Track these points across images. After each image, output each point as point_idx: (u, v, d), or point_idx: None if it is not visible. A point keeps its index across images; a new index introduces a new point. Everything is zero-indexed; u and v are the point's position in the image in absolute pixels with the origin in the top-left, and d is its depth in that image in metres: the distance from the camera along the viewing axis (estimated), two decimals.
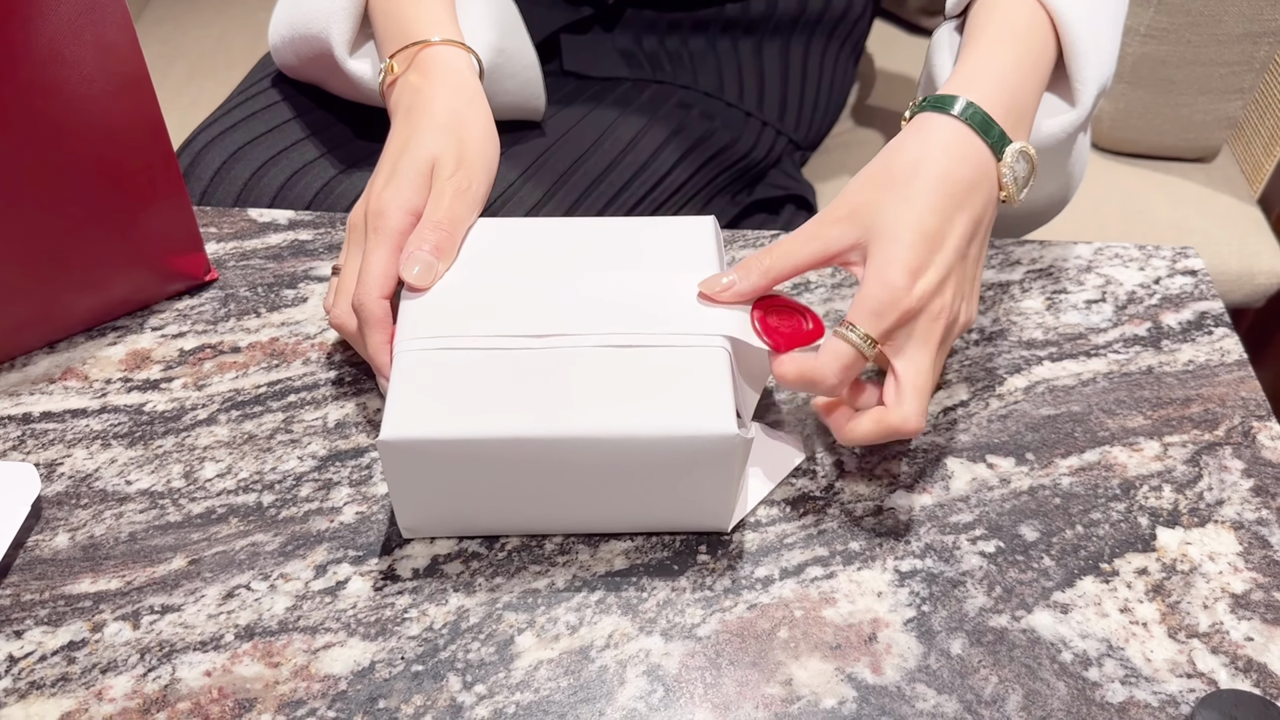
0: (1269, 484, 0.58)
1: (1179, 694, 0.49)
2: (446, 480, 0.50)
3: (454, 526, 0.53)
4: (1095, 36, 0.57)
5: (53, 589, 0.51)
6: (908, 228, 0.50)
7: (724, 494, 0.51)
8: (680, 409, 0.49)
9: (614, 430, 0.48)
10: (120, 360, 0.61)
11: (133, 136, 0.57)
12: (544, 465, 0.49)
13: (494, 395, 0.49)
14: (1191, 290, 0.69)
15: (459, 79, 0.61)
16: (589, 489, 0.51)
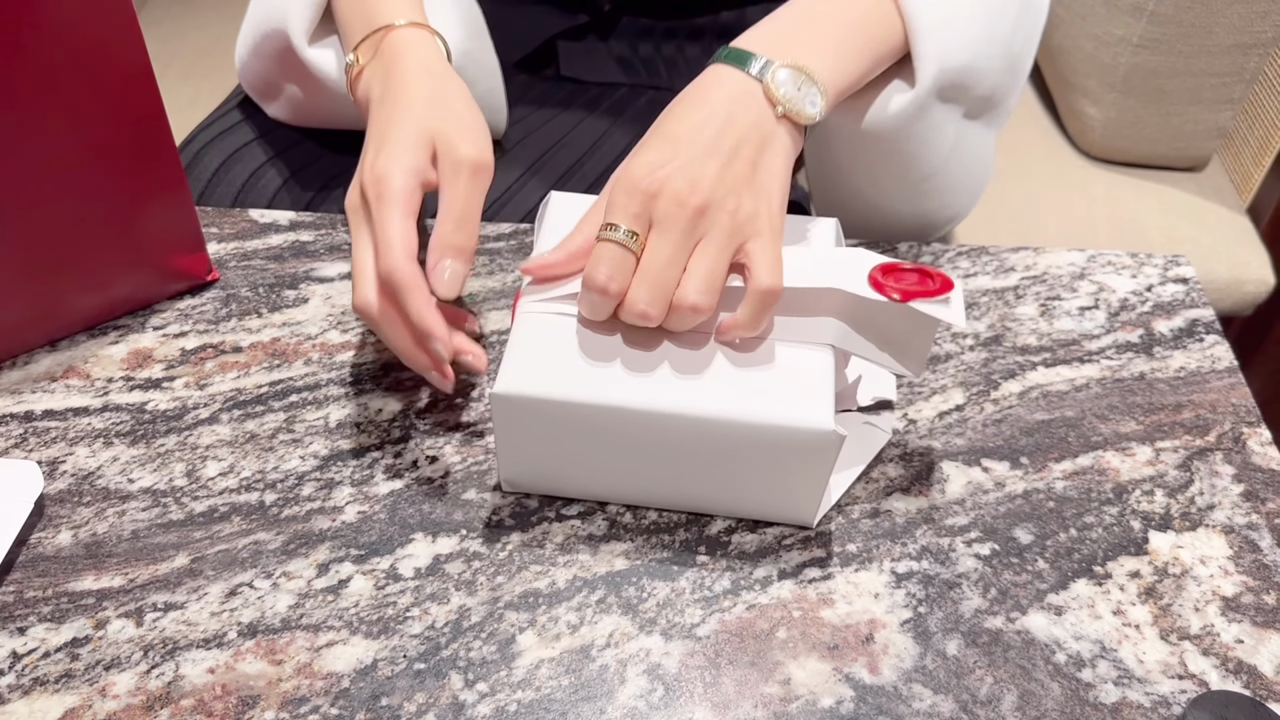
0: (1259, 489, 0.58)
1: (1171, 695, 0.50)
2: (550, 439, 0.52)
3: (550, 485, 0.55)
4: (937, 13, 0.58)
5: (56, 586, 0.51)
6: (655, 137, 0.52)
7: (814, 489, 0.53)
8: (782, 399, 0.50)
9: (713, 412, 0.50)
10: (122, 359, 0.61)
11: (136, 135, 0.57)
12: (644, 437, 0.51)
13: (603, 363, 0.51)
14: (1183, 298, 0.69)
15: (431, 60, 0.59)
16: (684, 466, 0.52)
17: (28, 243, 0.56)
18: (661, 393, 0.50)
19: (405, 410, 0.59)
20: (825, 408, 0.50)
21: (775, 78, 0.53)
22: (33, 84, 0.52)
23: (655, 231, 0.50)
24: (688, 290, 0.49)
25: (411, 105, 0.55)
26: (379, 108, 0.57)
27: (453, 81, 0.58)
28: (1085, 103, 1.14)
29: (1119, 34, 1.07)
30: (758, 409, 0.50)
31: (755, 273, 0.50)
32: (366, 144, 0.56)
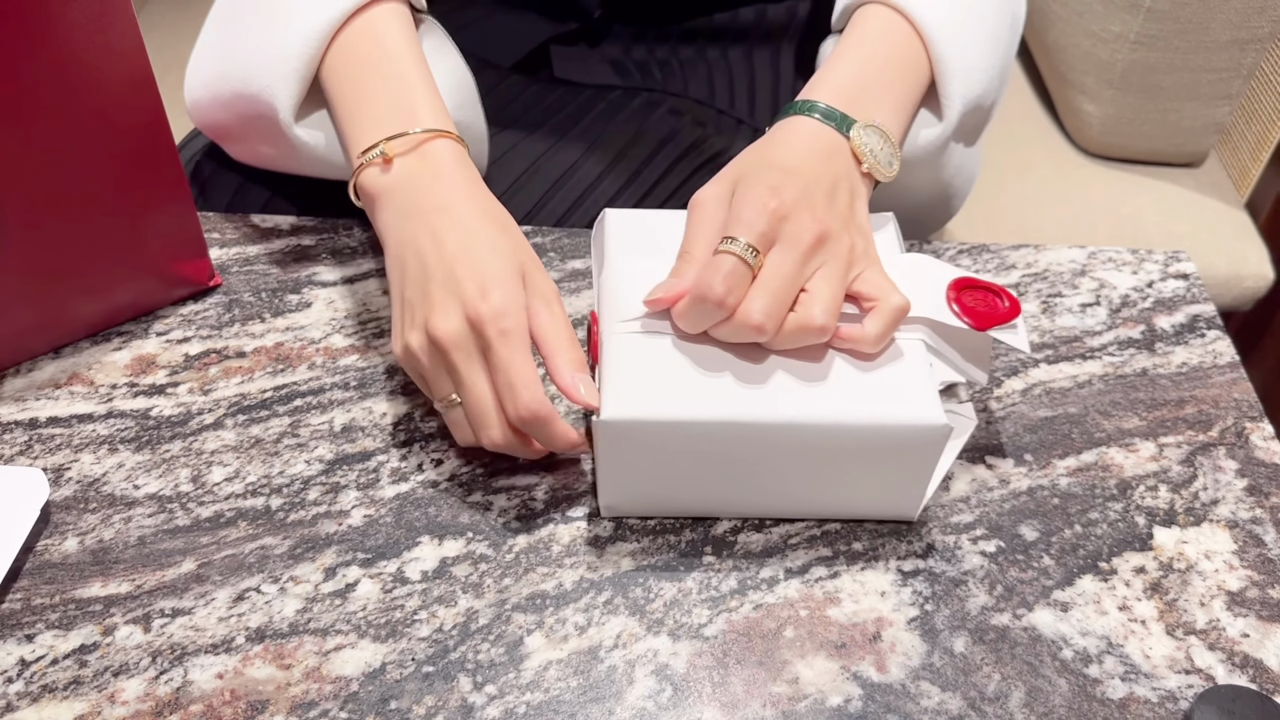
0: (1262, 483, 0.59)
1: (1177, 690, 0.50)
2: (655, 460, 0.51)
3: (651, 506, 0.54)
4: (962, 54, 0.62)
5: (63, 593, 0.51)
6: (767, 164, 0.54)
7: (920, 482, 0.53)
8: (889, 397, 0.51)
9: (824, 417, 0.50)
10: (126, 365, 0.61)
11: (138, 142, 0.57)
12: (751, 449, 0.51)
13: (704, 379, 0.51)
14: (1184, 293, 0.70)
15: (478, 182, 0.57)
16: (790, 474, 0.52)
17: (31, 250, 0.56)
18: (769, 402, 0.50)
19: (409, 414, 0.59)
20: (932, 401, 0.51)
21: (860, 137, 0.57)
22: (35, 93, 0.52)
23: (779, 249, 0.51)
24: (814, 312, 0.51)
25: (496, 235, 0.54)
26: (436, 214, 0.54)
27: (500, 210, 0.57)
28: (1083, 100, 1.14)
29: (1116, 31, 1.07)
30: (867, 410, 0.50)
31: (886, 293, 0.53)
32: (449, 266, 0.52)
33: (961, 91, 0.62)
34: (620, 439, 0.50)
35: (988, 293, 0.56)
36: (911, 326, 0.55)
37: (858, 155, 0.57)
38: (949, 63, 0.61)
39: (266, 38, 0.60)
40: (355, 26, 0.59)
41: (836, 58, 0.61)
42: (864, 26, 0.62)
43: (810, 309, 0.51)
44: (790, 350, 0.52)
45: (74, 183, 0.56)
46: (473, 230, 0.53)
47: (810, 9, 0.89)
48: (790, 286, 0.51)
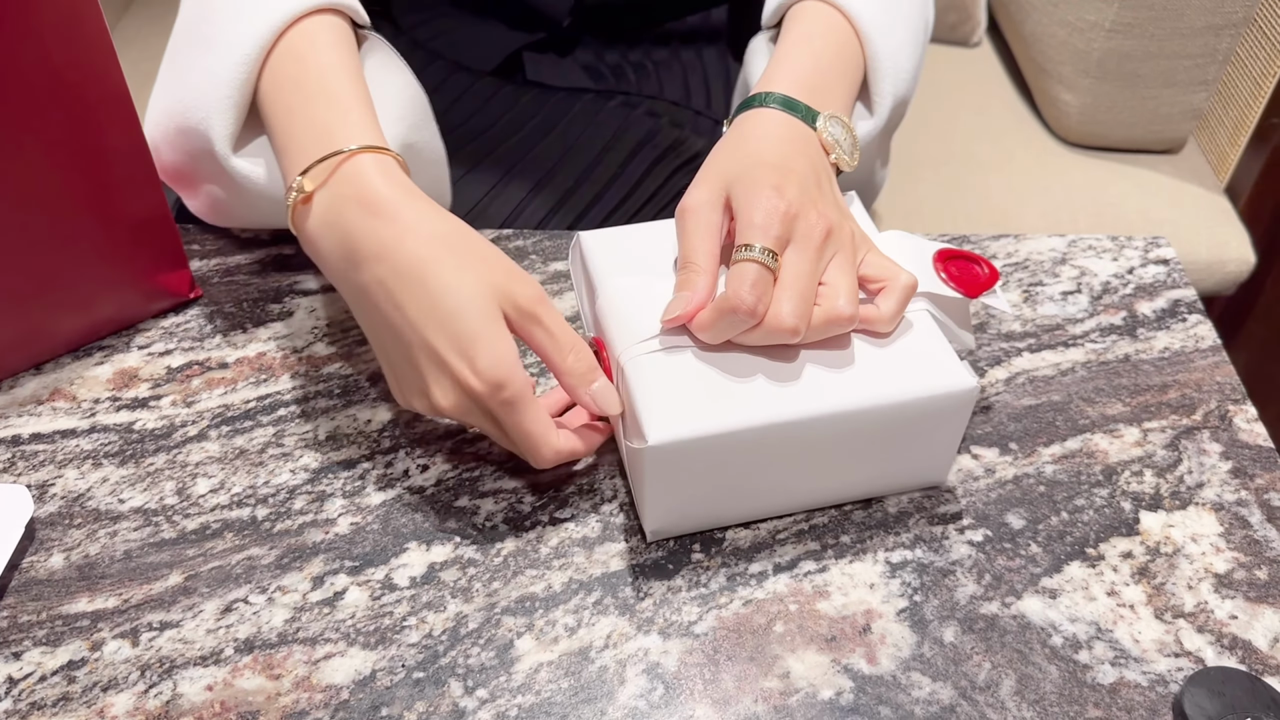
0: (1246, 465, 0.59)
1: (1167, 673, 0.50)
2: (700, 477, 0.51)
3: (697, 522, 0.54)
4: (894, 56, 0.63)
5: (50, 609, 0.51)
6: (756, 163, 0.54)
7: (951, 446, 0.55)
8: (917, 370, 0.52)
9: (861, 401, 0.50)
10: (108, 379, 0.61)
11: (116, 156, 0.57)
12: (794, 446, 0.51)
13: (736, 386, 0.51)
14: (1164, 279, 0.70)
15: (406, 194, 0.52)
16: (832, 463, 0.53)
17: (9, 266, 0.56)
18: (806, 398, 0.50)
19: (394, 420, 0.59)
20: (957, 365, 0.52)
21: (826, 127, 0.58)
22: (11, 109, 0.52)
23: (795, 249, 0.52)
24: (840, 303, 0.51)
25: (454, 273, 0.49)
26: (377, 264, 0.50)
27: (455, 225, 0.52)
28: (1060, 89, 1.15)
29: (1091, 19, 1.07)
30: (900, 386, 0.51)
31: (893, 273, 0.54)
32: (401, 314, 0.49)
33: (892, 90, 0.64)
34: (668, 462, 0.49)
35: (967, 262, 0.58)
36: (913, 299, 0.56)
37: (825, 146, 0.58)
38: (882, 61, 0.63)
39: (201, 67, 0.57)
40: (284, 46, 0.56)
41: (787, 51, 0.61)
42: (807, 23, 0.63)
43: (835, 300, 0.51)
44: (812, 342, 0.53)
45: (52, 198, 0.56)
46: (427, 278, 0.49)
47: None
48: (812, 284, 0.52)
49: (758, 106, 0.58)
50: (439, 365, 0.49)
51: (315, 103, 0.54)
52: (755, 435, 0.50)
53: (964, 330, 0.58)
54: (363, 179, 0.51)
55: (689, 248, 0.53)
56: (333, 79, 0.55)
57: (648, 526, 0.53)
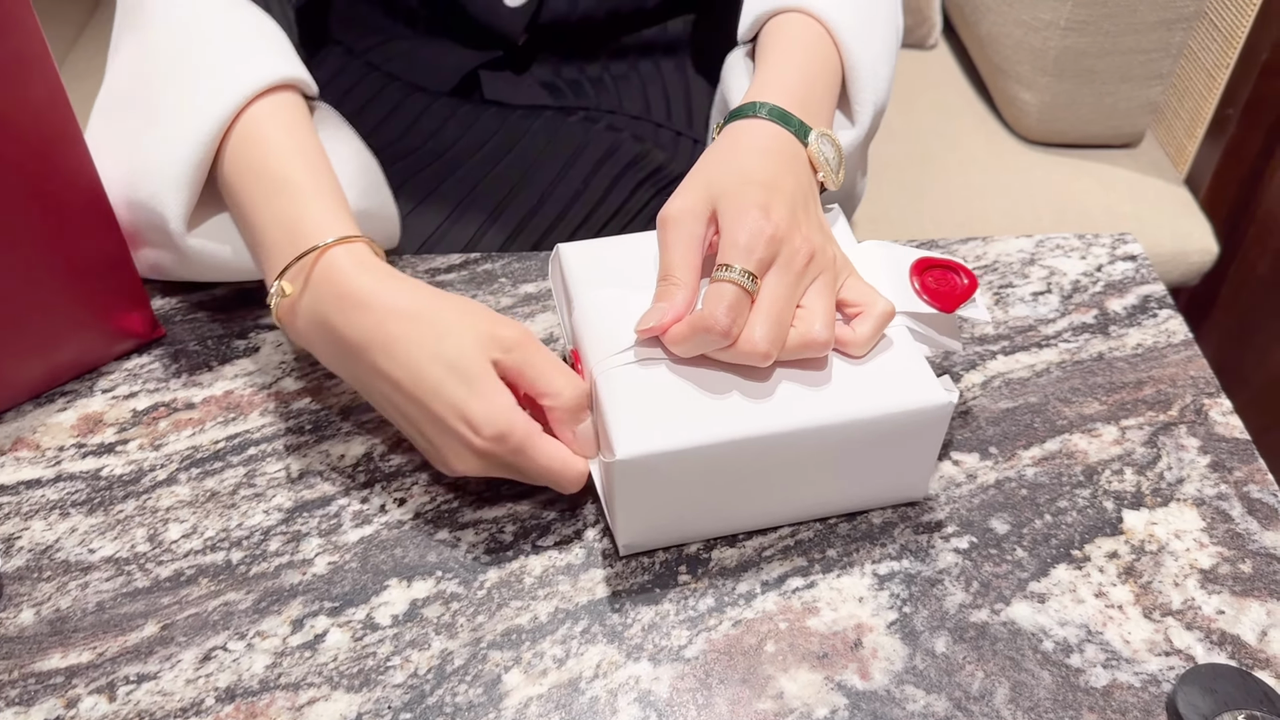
0: (1225, 459, 0.59)
1: (1159, 672, 0.50)
2: (672, 490, 0.51)
3: (669, 536, 0.54)
4: (872, 62, 0.63)
5: (21, 667, 0.49)
6: (745, 179, 0.54)
7: (928, 461, 0.54)
8: (891, 386, 0.52)
9: (835, 416, 0.50)
10: (72, 426, 0.59)
11: (70, 196, 0.56)
12: (766, 461, 0.51)
13: (708, 400, 0.50)
14: (1133, 275, 0.70)
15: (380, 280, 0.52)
16: (806, 477, 0.52)
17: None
18: (778, 412, 0.50)
19: (368, 454, 0.58)
20: (932, 381, 0.52)
21: (816, 145, 0.57)
22: None
23: (776, 273, 0.51)
24: (816, 328, 0.51)
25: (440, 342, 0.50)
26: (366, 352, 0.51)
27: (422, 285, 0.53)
28: (1019, 88, 1.16)
29: (1046, 18, 1.08)
30: (874, 401, 0.51)
31: (871, 299, 0.53)
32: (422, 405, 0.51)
33: (872, 99, 0.64)
34: (637, 476, 0.49)
35: (946, 270, 0.57)
36: None
37: (814, 164, 0.57)
38: (862, 70, 0.63)
39: (154, 138, 0.57)
40: (241, 129, 0.56)
41: (774, 63, 0.61)
42: (789, 34, 0.62)
43: (812, 325, 0.51)
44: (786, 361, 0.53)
45: (5, 243, 0.54)
46: (411, 354, 0.50)
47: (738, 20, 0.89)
48: (789, 310, 0.51)
49: (750, 116, 0.57)
50: (446, 433, 0.51)
51: (281, 195, 0.55)
52: (726, 450, 0.49)
53: (948, 336, 0.58)
54: (338, 274, 0.52)
55: (669, 260, 0.53)
56: (296, 166, 0.56)
57: (620, 540, 0.53)
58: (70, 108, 0.54)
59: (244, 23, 0.60)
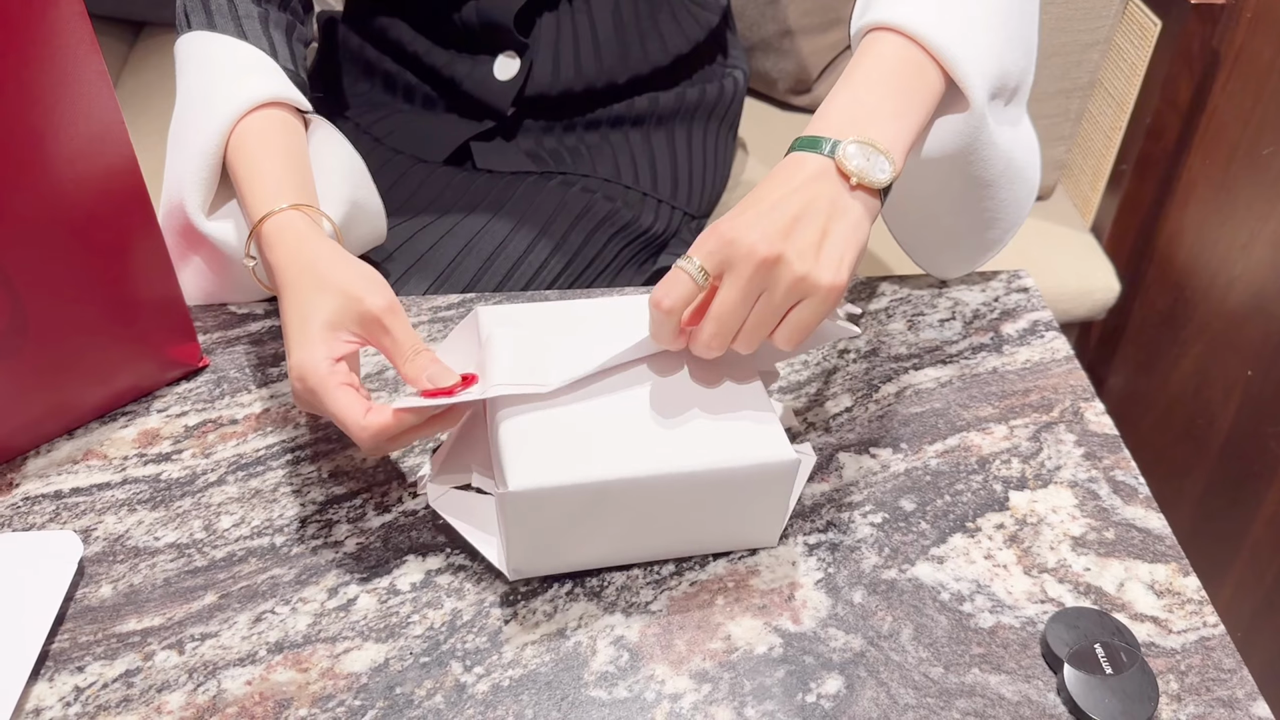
0: (1096, 450, 0.72)
1: (1035, 616, 0.62)
2: (557, 522, 0.58)
3: (554, 564, 0.61)
4: (968, 39, 0.64)
5: (104, 630, 0.60)
6: (741, 204, 0.59)
7: (779, 512, 0.62)
8: (746, 442, 0.59)
9: (691, 465, 0.57)
10: (134, 439, 0.70)
11: (133, 247, 0.67)
12: (634, 500, 0.58)
13: (594, 439, 0.58)
14: (1025, 304, 0.83)
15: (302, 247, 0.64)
16: (670, 518, 0.60)
17: (47, 347, 0.66)
18: (645, 458, 0.57)
19: (386, 458, 0.70)
20: (781, 440, 0.59)
21: (845, 153, 0.59)
22: (41, 214, 0.62)
23: (726, 277, 0.56)
24: (739, 341, 0.58)
25: (303, 298, 0.61)
26: (281, 306, 0.63)
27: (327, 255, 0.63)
28: None
29: None
30: (729, 454, 0.58)
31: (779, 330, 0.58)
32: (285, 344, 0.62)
33: (978, 73, 0.64)
34: (525, 507, 0.56)
35: None
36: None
37: (843, 172, 0.58)
38: (951, 51, 0.63)
39: (177, 156, 0.73)
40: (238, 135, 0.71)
41: (834, 89, 0.64)
42: (859, 53, 0.65)
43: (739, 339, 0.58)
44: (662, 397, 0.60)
45: (79, 286, 0.66)
46: (294, 301, 0.62)
47: (695, 94, 1.02)
48: (736, 313, 0.57)
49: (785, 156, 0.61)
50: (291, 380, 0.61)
51: (247, 183, 0.69)
52: (601, 489, 0.57)
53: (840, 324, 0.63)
54: (275, 236, 0.65)
55: None
56: (260, 160, 0.70)
57: (509, 565, 0.60)
58: (139, 172, 0.66)
59: (244, 57, 0.74)
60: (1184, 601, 0.62)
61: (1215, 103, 1.12)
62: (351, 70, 1.01)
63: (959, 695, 0.57)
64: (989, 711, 0.57)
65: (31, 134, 0.60)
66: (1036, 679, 0.58)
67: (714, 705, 0.57)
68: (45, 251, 0.63)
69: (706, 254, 0.57)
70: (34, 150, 0.60)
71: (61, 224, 0.63)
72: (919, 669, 0.58)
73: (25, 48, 0.58)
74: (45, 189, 0.62)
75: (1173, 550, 0.65)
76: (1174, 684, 0.58)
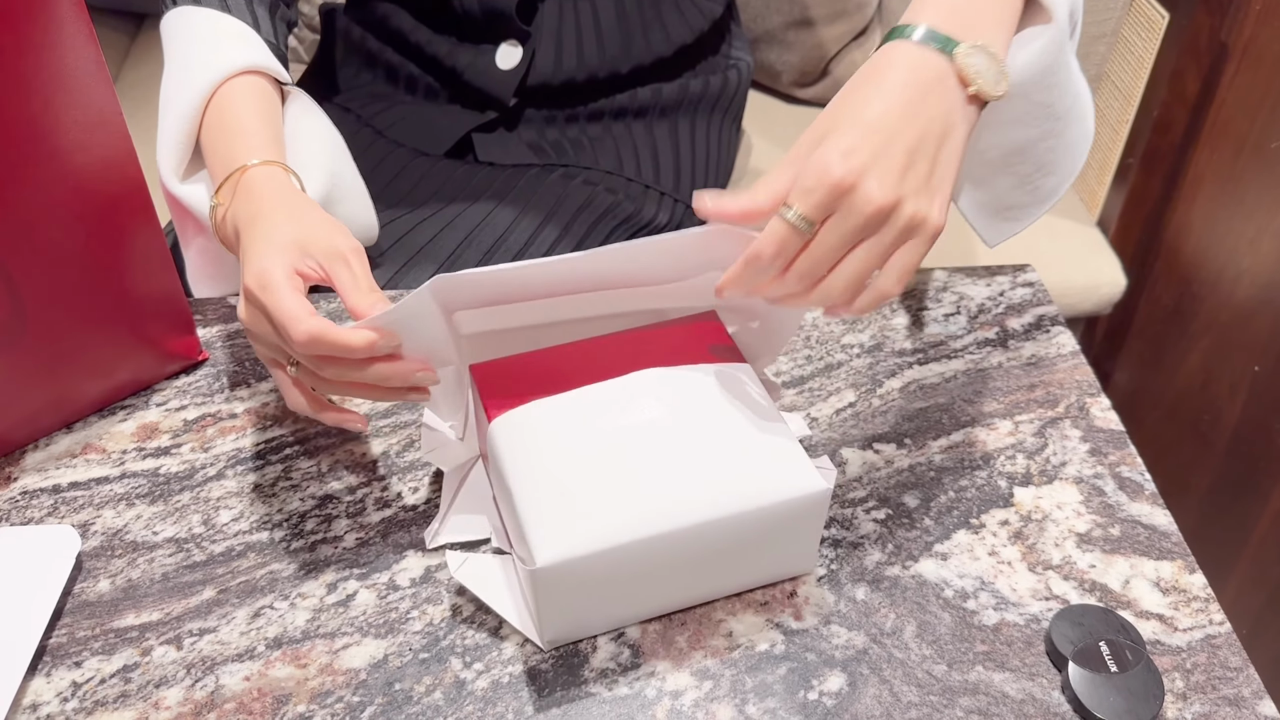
0: (1101, 446, 0.71)
1: (1039, 613, 0.61)
2: (588, 589, 0.55)
3: (589, 629, 0.58)
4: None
5: (102, 625, 0.60)
6: (849, 119, 0.53)
7: (813, 538, 0.60)
8: (773, 477, 0.56)
9: (721, 510, 0.55)
10: (132, 433, 0.70)
11: (133, 242, 0.67)
12: (671, 554, 0.55)
13: (612, 497, 0.55)
14: (1030, 299, 0.83)
15: (284, 189, 0.65)
16: (704, 566, 0.57)
17: (46, 340, 0.65)
18: (673, 510, 0.55)
19: (385, 453, 0.69)
20: (808, 469, 0.57)
21: (969, 59, 0.54)
22: (41, 213, 0.62)
23: (834, 222, 0.52)
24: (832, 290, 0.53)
25: (275, 223, 0.62)
26: (244, 235, 0.63)
27: (307, 201, 0.65)
28: None
29: None
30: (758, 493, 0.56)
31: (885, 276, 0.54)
32: (241, 268, 0.61)
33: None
34: (555, 580, 0.54)
35: None
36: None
37: (964, 78, 0.54)
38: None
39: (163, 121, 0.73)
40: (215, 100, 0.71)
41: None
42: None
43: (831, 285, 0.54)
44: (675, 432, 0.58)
45: (80, 280, 0.65)
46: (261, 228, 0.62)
47: (699, 86, 1.02)
48: (828, 260, 0.53)
49: (896, 39, 0.55)
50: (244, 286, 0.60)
51: (228, 138, 0.70)
52: (633, 549, 0.54)
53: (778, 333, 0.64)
54: (249, 184, 0.66)
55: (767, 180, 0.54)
56: (244, 119, 0.70)
57: (544, 638, 0.57)
58: (139, 168, 0.66)
59: (225, 27, 0.75)
60: (1190, 599, 0.62)
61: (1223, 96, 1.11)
62: (353, 62, 1.01)
63: (962, 693, 0.57)
64: (992, 709, 0.56)
65: (29, 125, 0.59)
66: (1041, 677, 0.58)
67: (715, 702, 0.56)
68: (43, 243, 0.63)
69: (810, 202, 0.51)
70: (31, 142, 0.60)
71: (59, 216, 0.63)
72: (922, 666, 0.58)
73: (23, 39, 0.57)
74: (43, 180, 0.61)
75: (1179, 547, 0.65)
76: (1179, 682, 0.58)
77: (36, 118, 0.59)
